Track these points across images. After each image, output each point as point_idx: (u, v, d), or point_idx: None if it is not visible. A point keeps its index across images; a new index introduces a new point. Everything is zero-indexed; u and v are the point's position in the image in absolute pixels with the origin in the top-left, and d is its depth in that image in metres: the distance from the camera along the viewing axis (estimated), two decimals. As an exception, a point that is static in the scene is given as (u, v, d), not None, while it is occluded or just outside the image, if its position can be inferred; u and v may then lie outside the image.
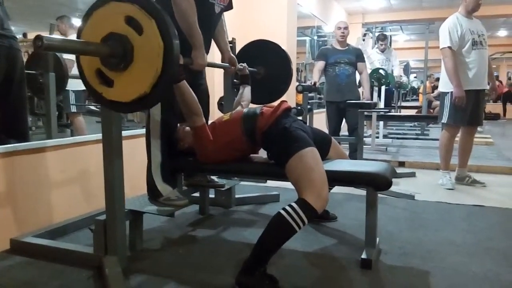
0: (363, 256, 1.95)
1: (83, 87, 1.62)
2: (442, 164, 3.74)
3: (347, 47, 4.41)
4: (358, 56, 4.39)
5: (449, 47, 3.44)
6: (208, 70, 2.72)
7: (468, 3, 3.53)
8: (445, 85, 3.60)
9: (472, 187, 3.67)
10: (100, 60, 1.47)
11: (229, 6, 2.42)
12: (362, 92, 4.65)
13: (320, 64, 4.44)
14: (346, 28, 4.37)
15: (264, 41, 3.02)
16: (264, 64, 2.93)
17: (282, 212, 1.70)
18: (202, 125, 2.05)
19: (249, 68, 2.65)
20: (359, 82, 4.72)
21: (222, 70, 3.06)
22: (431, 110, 9.00)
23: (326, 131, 4.15)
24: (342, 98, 4.29)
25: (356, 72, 4.48)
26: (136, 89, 1.42)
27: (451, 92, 3.49)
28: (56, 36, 1.28)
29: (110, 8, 1.43)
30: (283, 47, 3.06)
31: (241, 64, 2.60)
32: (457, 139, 3.74)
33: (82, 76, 1.55)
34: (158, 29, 1.37)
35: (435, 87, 10.40)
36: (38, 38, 1.16)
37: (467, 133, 3.71)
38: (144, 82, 1.40)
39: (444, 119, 3.60)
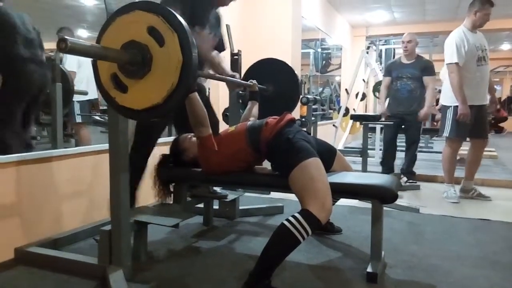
0: (369, 269, 1.94)
1: (87, 98, 1.65)
2: (446, 177, 3.73)
3: (413, 60, 4.32)
4: (424, 69, 4.25)
5: (456, 63, 3.41)
6: (213, 81, 2.75)
7: (477, 19, 3.51)
8: (447, 98, 3.60)
9: (477, 200, 3.65)
10: (117, 66, 1.48)
11: (219, 48, 2.53)
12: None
13: (386, 81, 4.48)
14: (409, 41, 4.29)
15: (273, 60, 3.05)
16: (272, 82, 2.95)
17: (286, 223, 1.70)
18: (208, 136, 2.06)
19: (258, 85, 2.67)
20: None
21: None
22: (435, 123, 8.99)
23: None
24: (401, 111, 4.30)
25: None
26: (149, 98, 1.43)
27: (454, 106, 3.49)
28: (79, 40, 1.30)
29: (135, 16, 1.45)
30: (287, 62, 3.10)
31: (251, 80, 2.63)
32: (463, 151, 3.73)
33: (97, 78, 1.56)
34: (180, 43, 1.38)
35: (437, 100, 10.40)
36: (63, 40, 1.17)
37: (475, 146, 3.71)
38: (159, 93, 1.41)
39: (446, 133, 3.60)
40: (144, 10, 1.44)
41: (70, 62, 4.23)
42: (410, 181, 4.32)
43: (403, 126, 4.38)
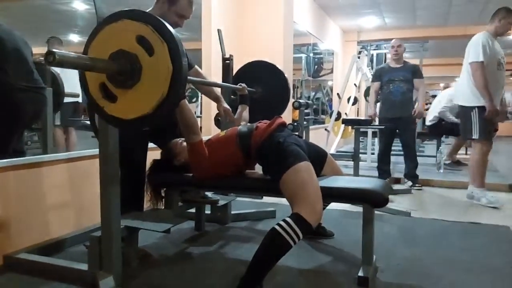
0: (360, 273, 1.94)
1: (70, 100, 1.63)
2: (479, 181, 3.62)
3: (403, 65, 4.41)
4: (414, 72, 4.36)
5: (482, 62, 3.38)
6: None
7: (500, 26, 3.51)
8: (468, 99, 3.53)
9: (468, 205, 3.67)
10: (106, 76, 1.47)
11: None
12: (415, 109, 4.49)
13: (376, 86, 4.53)
14: (399, 46, 4.38)
15: (261, 62, 3.06)
16: (262, 84, 2.97)
17: (277, 227, 1.70)
18: (199, 142, 2.05)
19: (248, 88, 2.68)
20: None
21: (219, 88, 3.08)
22: (425, 127, 9.06)
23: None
24: (394, 115, 4.34)
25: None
26: (139, 108, 1.42)
27: (478, 107, 3.44)
28: (66, 53, 1.29)
29: (123, 25, 1.44)
30: (280, 66, 3.11)
31: (240, 84, 2.64)
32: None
33: (85, 87, 1.55)
34: (169, 53, 1.37)
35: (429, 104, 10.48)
36: (51, 53, 1.17)
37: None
38: (148, 103, 1.40)
39: (476, 135, 3.50)
40: (132, 19, 1.43)
41: None
42: (416, 185, 4.35)
43: (397, 131, 4.41)
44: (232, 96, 2.99)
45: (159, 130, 2.25)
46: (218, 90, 2.79)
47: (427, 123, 5.66)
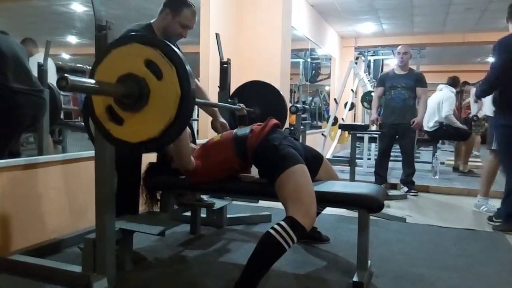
0: (355, 279, 1.94)
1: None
2: (484, 190, 3.60)
3: (407, 72, 4.42)
4: (417, 80, 4.36)
5: None
6: (202, 88, 2.74)
7: None
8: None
9: (463, 211, 3.68)
10: (113, 99, 1.46)
11: None
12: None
13: (379, 91, 4.55)
14: (405, 53, 4.39)
15: (258, 82, 3.07)
16: (258, 104, 2.97)
17: (271, 231, 1.70)
18: (193, 166, 2.05)
19: (246, 108, 2.68)
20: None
21: (216, 90, 3.09)
22: (423, 133, 9.09)
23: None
24: (395, 121, 4.35)
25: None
26: (145, 132, 1.41)
27: None
28: (79, 77, 1.29)
29: (132, 48, 1.44)
30: (277, 71, 3.11)
31: (239, 104, 2.64)
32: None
33: (91, 109, 1.53)
34: (178, 77, 1.37)
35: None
36: (63, 78, 1.17)
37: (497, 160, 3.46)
38: (155, 127, 1.39)
39: (495, 146, 3.32)
40: (141, 43, 1.43)
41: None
42: (412, 191, 4.36)
43: (396, 137, 4.43)
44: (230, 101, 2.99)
45: None
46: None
47: (427, 129, 5.65)
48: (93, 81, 1.37)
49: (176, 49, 1.41)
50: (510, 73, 2.98)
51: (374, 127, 4.72)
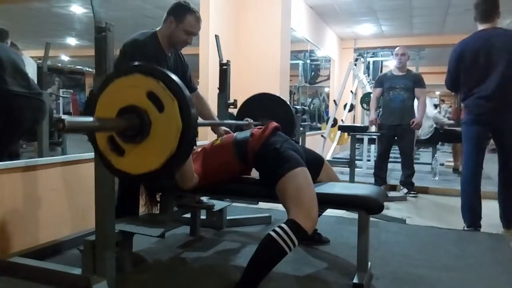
0: (355, 280, 1.93)
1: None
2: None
3: (405, 73, 4.43)
4: (416, 81, 4.37)
5: None
6: (202, 89, 2.76)
7: None
8: None
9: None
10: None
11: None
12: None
13: (377, 92, 4.55)
14: (403, 54, 4.40)
15: (265, 94, 3.02)
16: (266, 117, 2.91)
17: (272, 233, 1.70)
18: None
19: (254, 122, 2.66)
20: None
21: (216, 92, 3.09)
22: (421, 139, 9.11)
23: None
24: (394, 122, 4.35)
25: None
26: (147, 164, 1.41)
27: None
28: (75, 118, 1.28)
29: (134, 80, 1.43)
30: (277, 72, 3.09)
31: (246, 119, 2.62)
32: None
33: (91, 138, 1.53)
34: (179, 110, 1.36)
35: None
36: (60, 120, 1.15)
37: None
38: (157, 160, 1.39)
39: None
40: (143, 74, 1.42)
41: None
42: (411, 192, 4.36)
43: (395, 138, 4.43)
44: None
45: None
46: (215, 111, 2.80)
47: (423, 137, 5.62)
48: (91, 119, 1.35)
49: (178, 80, 1.40)
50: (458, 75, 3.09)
51: (373, 128, 4.72)
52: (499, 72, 2.86)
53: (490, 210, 3.61)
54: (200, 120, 2.33)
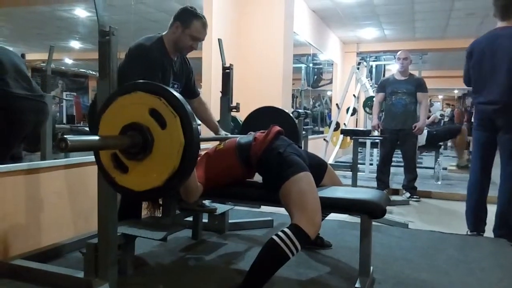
0: (357, 285, 1.93)
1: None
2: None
3: (407, 77, 4.43)
4: (418, 86, 4.37)
5: None
6: (205, 92, 2.76)
7: None
8: None
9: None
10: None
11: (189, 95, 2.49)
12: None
13: (380, 97, 4.56)
14: (405, 59, 4.40)
15: (268, 108, 3.02)
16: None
17: (275, 238, 1.69)
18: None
19: None
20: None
21: (218, 96, 3.09)
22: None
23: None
24: (396, 126, 4.36)
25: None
26: (150, 181, 1.42)
27: None
28: (78, 137, 1.30)
29: (136, 97, 1.44)
30: (279, 76, 3.08)
31: (250, 133, 2.63)
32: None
33: (96, 155, 1.54)
34: (182, 126, 1.38)
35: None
36: (62, 140, 1.17)
37: None
38: (159, 176, 1.40)
39: None
40: (145, 91, 1.43)
41: None
42: (414, 197, 4.36)
43: (398, 142, 4.43)
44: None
45: None
46: (217, 115, 2.80)
47: (419, 144, 5.59)
48: (96, 138, 1.36)
49: (179, 96, 1.41)
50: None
51: (376, 133, 4.72)
52: (502, 77, 2.82)
53: (494, 215, 3.60)
54: (202, 135, 2.32)
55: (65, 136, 1.18)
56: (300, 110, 4.10)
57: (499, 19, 2.92)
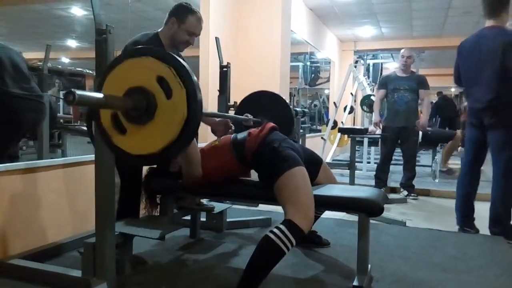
0: (355, 283, 1.93)
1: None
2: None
3: (409, 74, 4.44)
4: (420, 83, 4.38)
5: None
6: (202, 91, 2.75)
7: None
8: None
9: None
10: None
11: None
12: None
13: (381, 93, 4.55)
14: (409, 57, 4.41)
15: (264, 92, 3.03)
16: (265, 115, 2.92)
17: (270, 234, 1.70)
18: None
19: (253, 119, 2.66)
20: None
21: (216, 94, 3.10)
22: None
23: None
24: (398, 124, 4.35)
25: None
26: (146, 147, 1.42)
27: None
28: (85, 92, 1.29)
29: (146, 62, 1.43)
30: (277, 74, 3.09)
31: (246, 114, 2.63)
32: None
33: (96, 114, 1.53)
34: (187, 99, 1.37)
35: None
36: (71, 93, 1.17)
37: None
38: (157, 144, 1.39)
39: None
40: (157, 58, 1.42)
41: None
42: (412, 195, 4.36)
43: (399, 141, 4.43)
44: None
45: None
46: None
47: None
48: (100, 95, 1.35)
49: (189, 69, 1.40)
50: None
51: (378, 130, 4.71)
52: (486, 77, 2.85)
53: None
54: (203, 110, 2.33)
55: (73, 90, 1.18)
56: (297, 109, 4.11)
57: (487, 17, 2.94)
